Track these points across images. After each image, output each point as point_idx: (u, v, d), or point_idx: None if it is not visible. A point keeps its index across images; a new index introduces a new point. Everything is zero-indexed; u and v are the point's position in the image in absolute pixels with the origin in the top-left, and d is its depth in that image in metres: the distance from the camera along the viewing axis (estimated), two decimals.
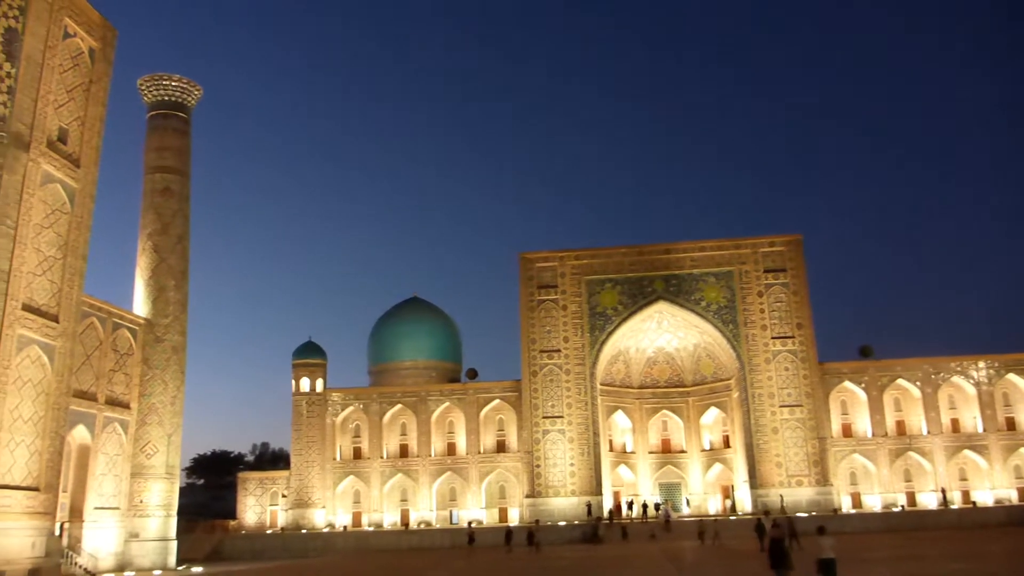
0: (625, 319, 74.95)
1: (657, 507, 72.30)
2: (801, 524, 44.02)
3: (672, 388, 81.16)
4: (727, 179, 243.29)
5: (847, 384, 73.22)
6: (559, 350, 74.82)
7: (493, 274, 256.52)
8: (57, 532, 42.48)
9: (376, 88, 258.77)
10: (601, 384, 76.50)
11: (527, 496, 72.65)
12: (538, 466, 72.46)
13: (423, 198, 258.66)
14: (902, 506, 69.02)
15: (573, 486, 71.53)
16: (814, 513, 63.66)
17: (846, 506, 70.14)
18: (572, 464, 72.12)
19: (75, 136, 42.33)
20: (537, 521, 67.86)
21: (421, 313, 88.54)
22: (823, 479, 69.57)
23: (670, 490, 78.45)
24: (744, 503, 72.39)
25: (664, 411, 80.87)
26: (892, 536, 51.97)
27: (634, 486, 78.42)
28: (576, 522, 65.87)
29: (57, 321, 40.03)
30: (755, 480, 69.88)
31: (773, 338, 72.39)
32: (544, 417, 73.67)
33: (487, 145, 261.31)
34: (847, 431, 73.24)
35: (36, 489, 37.61)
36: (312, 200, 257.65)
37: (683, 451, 79.92)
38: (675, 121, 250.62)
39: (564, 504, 70.83)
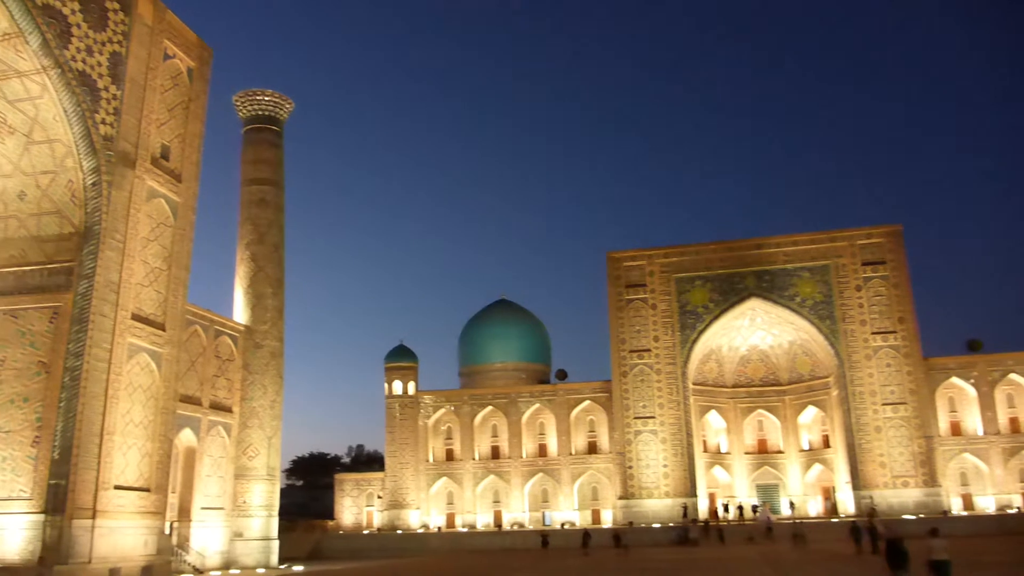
0: (716, 317, 73.51)
1: (755, 509, 70.60)
2: (904, 527, 42.28)
3: (767, 387, 79.12)
4: (819, 171, 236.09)
5: (955, 380, 69.90)
6: (649, 349, 73.93)
7: (580, 274, 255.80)
8: (167, 531, 44.41)
9: (462, 92, 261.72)
10: (693, 383, 75.22)
11: (620, 498, 72.04)
12: (630, 467, 71.75)
13: (511, 200, 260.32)
14: (1018, 508, 65.38)
15: (667, 487, 70.53)
16: (922, 516, 60.98)
17: (956, 508, 66.95)
18: (665, 465, 71.14)
19: (176, 152, 44.23)
20: (631, 523, 67.33)
21: (510, 315, 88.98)
22: (931, 480, 66.58)
23: (767, 492, 76.46)
24: (846, 504, 69.95)
25: (760, 410, 78.91)
26: (1007, 540, 49.21)
27: (730, 488, 76.80)
28: (671, 524, 64.93)
29: (164, 329, 41.89)
30: (857, 481, 67.44)
31: (873, 333, 69.75)
32: (635, 418, 72.91)
33: (573, 145, 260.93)
34: (955, 429, 69.89)
35: (147, 490, 39.43)
36: (401, 205, 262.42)
37: (780, 451, 77.81)
38: (762, 113, 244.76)
39: (658, 506, 69.92)
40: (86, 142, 37.89)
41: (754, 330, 77.42)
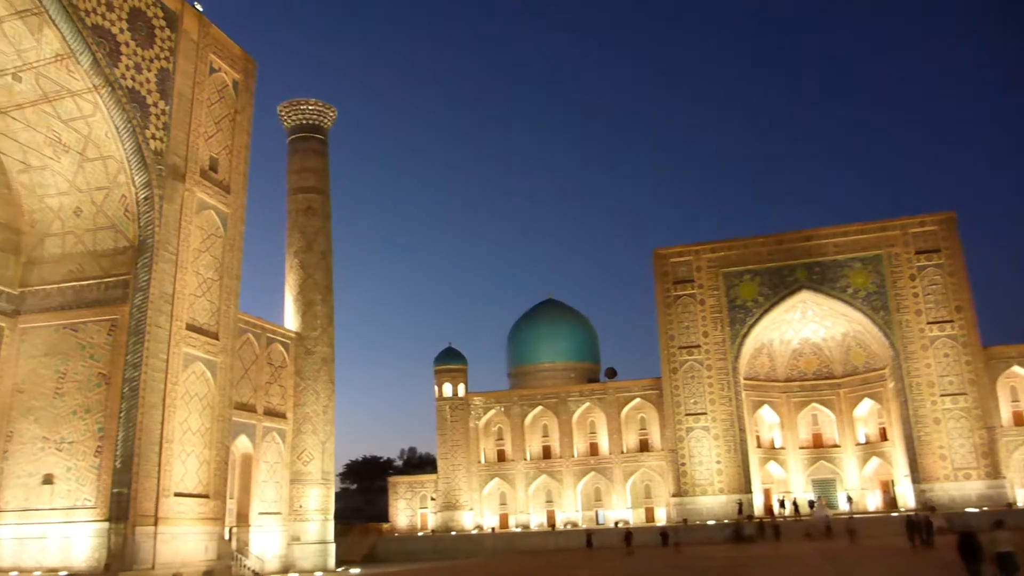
0: (767, 311, 72.47)
1: (811, 504, 69.44)
2: (967, 520, 41.19)
3: (821, 380, 77.75)
4: (866, 161, 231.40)
5: (1016, 369, 67.83)
6: (699, 345, 73.17)
7: (627, 272, 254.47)
8: (227, 536, 45.20)
9: (502, 93, 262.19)
10: (745, 379, 74.27)
11: (673, 495, 71.44)
12: (683, 464, 71.10)
13: (556, 200, 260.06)
14: None
15: (721, 484, 69.74)
16: (985, 508, 59.32)
17: (1022, 500, 64.98)
18: (718, 462, 70.34)
19: (224, 164, 45.06)
20: (685, 520, 66.77)
21: (557, 315, 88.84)
22: (994, 471, 64.71)
23: (824, 486, 75.14)
24: (906, 498, 68.40)
25: (813, 404, 77.59)
26: None
27: (785, 483, 75.66)
28: (725, 521, 64.23)
29: (217, 338, 42.72)
30: (917, 474, 65.87)
31: (929, 323, 68.04)
32: (687, 414, 72.22)
33: (616, 143, 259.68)
34: (1019, 419, 67.77)
35: (206, 496, 40.23)
36: (446, 208, 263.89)
37: (836, 445, 76.38)
38: (805, 104, 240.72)
39: (712, 503, 69.17)
40: (137, 157, 38.80)
41: (806, 323, 76.17)
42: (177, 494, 38.22)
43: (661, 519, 72.19)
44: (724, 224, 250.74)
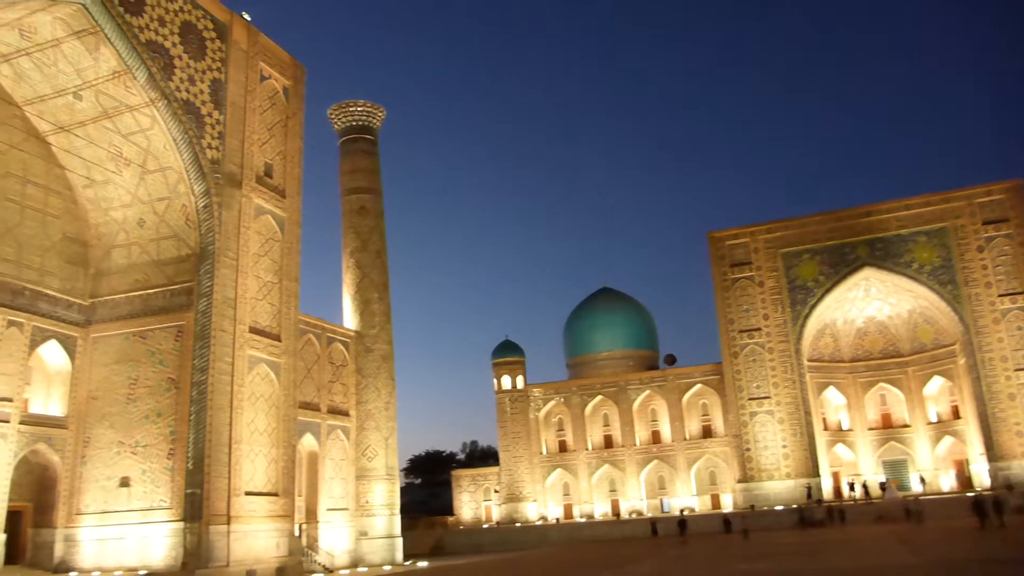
0: (828, 290, 70.96)
1: (882, 486, 67.93)
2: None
3: (888, 359, 75.88)
4: (928, 131, 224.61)
5: None
6: (759, 328, 72.07)
7: (682, 257, 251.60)
8: (297, 533, 46.25)
9: (551, 83, 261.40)
10: (808, 360, 72.90)
11: (739, 481, 70.61)
12: (748, 450, 70.19)
13: (608, 189, 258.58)
14: None
15: (787, 468, 68.64)
16: None
17: None
18: (784, 446, 69.23)
19: (279, 169, 45.93)
20: (752, 506, 66.00)
21: (613, 303, 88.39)
22: None
23: (895, 468, 73.40)
24: (982, 477, 66.43)
25: (881, 384, 75.78)
26: None
27: (854, 466, 74.14)
28: (794, 506, 63.26)
29: (279, 340, 43.64)
30: (993, 452, 63.83)
31: (1000, 295, 65.78)
32: (750, 399, 71.22)
33: (665, 128, 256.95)
34: None
35: (276, 494, 41.20)
36: (497, 201, 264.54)
37: (906, 425, 74.51)
38: (856, 79, 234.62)
39: (779, 488, 68.13)
40: (195, 167, 39.80)
41: (870, 301, 74.40)
42: (248, 493, 39.22)
43: (727, 506, 71.45)
44: (780, 204, 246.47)
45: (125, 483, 38.46)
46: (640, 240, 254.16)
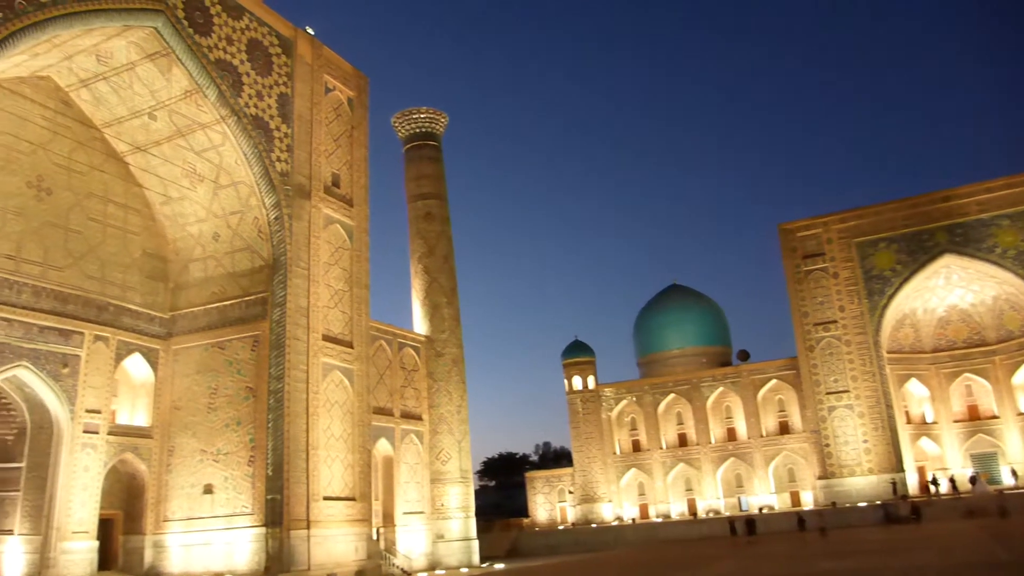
0: (906, 279, 68.60)
1: (972, 480, 65.35)
2: None
3: (972, 348, 72.94)
4: (1008, 111, 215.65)
5: None
6: (835, 321, 70.14)
7: (752, 251, 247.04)
8: (375, 536, 46.91)
9: (616, 83, 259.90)
10: (888, 352, 70.63)
11: (819, 478, 68.84)
12: (827, 445, 68.37)
13: (673, 186, 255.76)
14: None
15: (869, 464, 66.61)
16: None
17: None
18: (865, 441, 67.18)
19: (346, 179, 46.72)
20: (834, 503, 64.27)
21: (683, 300, 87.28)
22: None
23: (985, 461, 70.48)
24: None
25: (966, 374, 72.87)
26: None
27: (940, 460, 71.47)
28: (877, 502, 61.39)
29: (352, 347, 44.36)
30: None
31: None
32: (828, 393, 69.37)
33: (732, 124, 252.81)
34: None
35: (353, 499, 41.87)
36: (563, 202, 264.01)
37: (995, 416, 71.45)
38: (928, 57, 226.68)
39: (861, 483, 66.14)
40: (265, 180, 40.77)
41: (951, 289, 71.68)
42: (326, 498, 39.96)
43: (807, 503, 69.76)
44: (851, 193, 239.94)
45: (208, 490, 39.58)
46: (709, 236, 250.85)
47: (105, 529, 39.03)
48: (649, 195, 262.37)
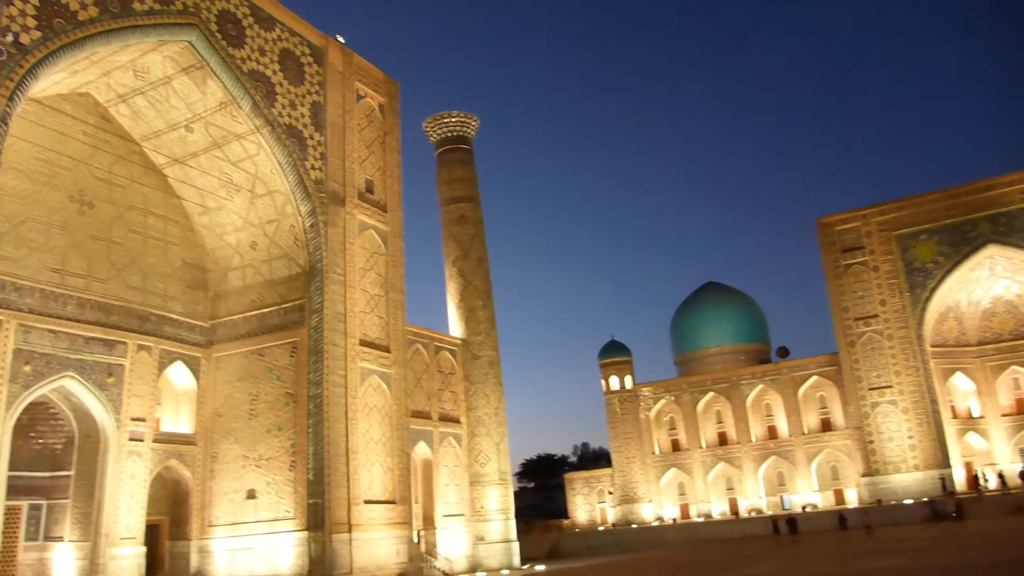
0: (949, 271, 67.25)
1: (1022, 476, 63.86)
2: None
3: (1019, 340, 71.24)
4: None
5: None
6: (876, 315, 69.01)
7: (788, 247, 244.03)
8: (415, 539, 47.17)
9: (648, 80, 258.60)
10: (931, 346, 69.32)
11: (863, 475, 67.78)
12: (871, 442, 67.29)
13: (708, 185, 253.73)
14: None
15: (915, 460, 65.42)
16: None
17: None
18: (910, 436, 66.00)
19: (379, 184, 47.09)
20: (879, 501, 63.31)
21: (720, 297, 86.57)
22: None
23: None
24: None
25: (1014, 367, 71.22)
26: None
27: (988, 454, 69.97)
28: (924, 499, 60.28)
29: (389, 351, 44.67)
30: None
31: None
32: (870, 389, 68.26)
33: (766, 121, 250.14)
34: None
35: (393, 502, 42.16)
36: (596, 203, 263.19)
37: None
38: (965, 41, 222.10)
39: (907, 480, 64.98)
40: (300, 188, 41.24)
41: (996, 280, 70.14)
42: (366, 501, 40.28)
43: (852, 501, 68.75)
44: (888, 186, 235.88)
45: (251, 495, 40.12)
46: (745, 233, 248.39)
47: (152, 535, 39.74)
48: (683, 193, 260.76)
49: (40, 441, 37.48)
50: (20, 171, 35.96)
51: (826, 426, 72.80)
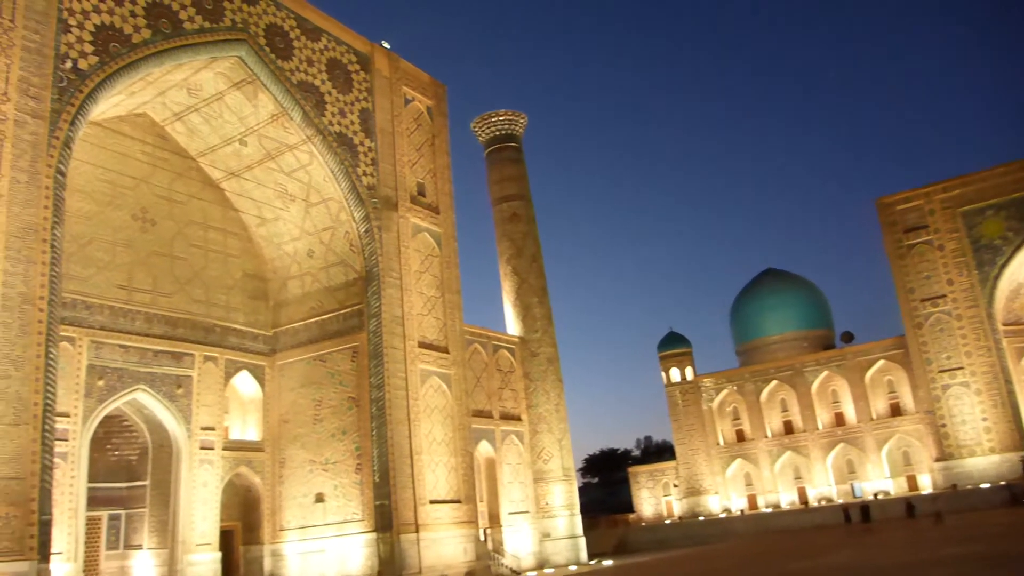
0: (1019, 247, 64.82)
1: None
2: None
3: None
4: None
5: None
6: (943, 295, 67.00)
7: (848, 229, 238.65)
8: (482, 537, 47.39)
9: (698, 70, 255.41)
10: (1003, 324, 66.97)
11: (936, 460, 65.92)
12: (943, 426, 65.38)
13: (761, 172, 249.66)
14: None
15: (990, 443, 63.34)
16: None
17: None
18: (984, 419, 63.92)
19: (430, 187, 47.41)
20: (954, 486, 61.52)
21: (780, 284, 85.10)
22: None
23: None
24: None
25: None
26: None
27: None
28: (1002, 483, 58.37)
29: (448, 352, 44.96)
30: None
31: None
32: (940, 371, 66.32)
33: (819, 105, 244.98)
34: None
35: (458, 501, 42.43)
36: (652, 193, 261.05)
37: None
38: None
39: (983, 464, 62.93)
40: (353, 195, 41.76)
41: None
42: (432, 501, 40.62)
43: (925, 487, 66.93)
44: (948, 162, 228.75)
45: (320, 499, 40.79)
46: (801, 217, 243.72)
47: (226, 540, 40.71)
48: (737, 181, 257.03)
49: (116, 453, 38.74)
50: (85, 193, 37.17)
51: (896, 411, 71.02)
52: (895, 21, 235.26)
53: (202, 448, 39.24)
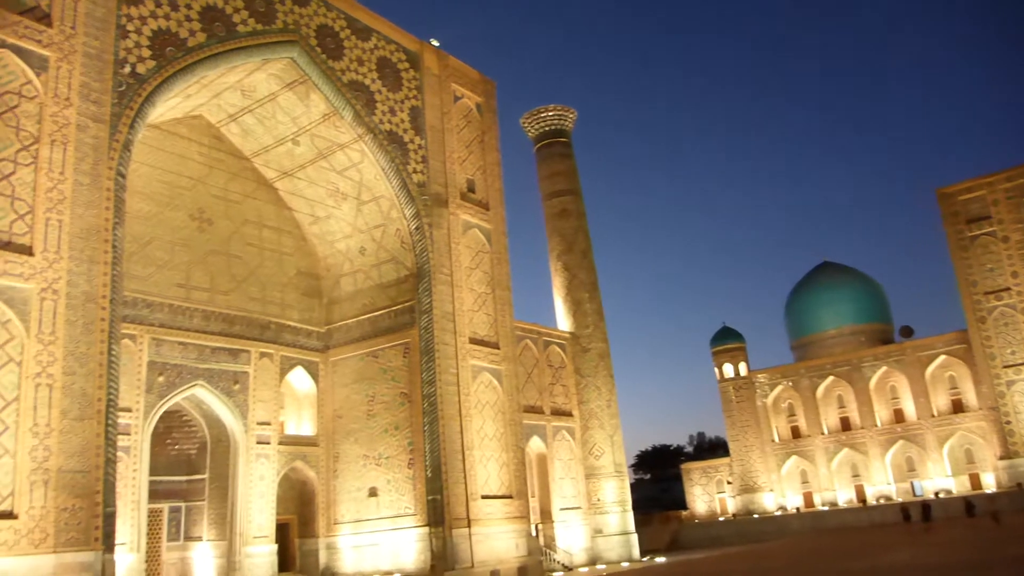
0: None
1: None
2: None
3: None
4: None
5: None
6: (1008, 288, 65.00)
7: (907, 221, 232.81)
8: (534, 533, 47.47)
9: (744, 62, 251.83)
10: None
11: (1000, 458, 64.02)
12: (1008, 422, 63.45)
13: (815, 163, 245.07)
14: None
15: None
16: None
17: None
18: None
19: (480, 183, 47.54)
20: (1020, 484, 59.68)
21: (836, 277, 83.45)
22: None
23: None
24: None
25: None
26: None
27: None
28: None
29: (498, 348, 45.08)
30: None
31: None
32: (1005, 367, 64.36)
33: (873, 93, 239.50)
34: None
35: (510, 497, 42.55)
36: (704, 187, 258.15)
37: None
38: None
39: None
40: (404, 192, 42.10)
41: None
42: (484, 496, 40.79)
43: (989, 485, 65.05)
44: (1012, 150, 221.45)
45: (373, 493, 41.30)
46: (858, 209, 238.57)
47: (282, 533, 41.50)
48: (792, 174, 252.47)
49: (176, 447, 39.75)
50: (144, 194, 38.15)
51: (957, 407, 69.15)
52: (950, 6, 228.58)
53: (258, 443, 40.02)
